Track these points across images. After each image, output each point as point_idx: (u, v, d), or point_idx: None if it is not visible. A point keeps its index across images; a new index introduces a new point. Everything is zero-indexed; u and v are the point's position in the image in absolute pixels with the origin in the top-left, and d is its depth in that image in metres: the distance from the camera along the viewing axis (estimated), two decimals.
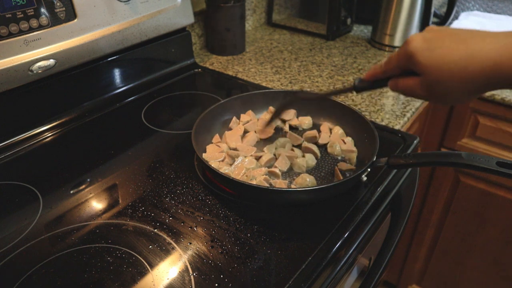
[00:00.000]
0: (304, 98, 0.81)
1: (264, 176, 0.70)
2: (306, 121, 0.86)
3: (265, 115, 0.86)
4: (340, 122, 0.84)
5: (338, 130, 0.82)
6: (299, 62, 1.21)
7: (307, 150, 0.77)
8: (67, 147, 0.83)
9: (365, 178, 0.69)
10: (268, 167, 0.73)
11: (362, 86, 0.58)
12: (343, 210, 0.66)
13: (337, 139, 0.79)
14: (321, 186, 0.68)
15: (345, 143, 0.78)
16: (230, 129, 0.83)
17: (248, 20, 1.46)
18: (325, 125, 0.85)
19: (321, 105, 0.86)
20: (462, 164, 0.60)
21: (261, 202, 0.68)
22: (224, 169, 0.71)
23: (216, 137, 0.81)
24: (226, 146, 0.77)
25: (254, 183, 0.68)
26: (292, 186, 0.70)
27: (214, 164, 0.72)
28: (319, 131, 0.82)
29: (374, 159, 0.68)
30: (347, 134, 0.81)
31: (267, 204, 0.68)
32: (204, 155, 0.74)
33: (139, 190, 0.71)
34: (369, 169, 0.68)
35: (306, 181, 0.69)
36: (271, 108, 0.88)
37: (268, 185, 0.68)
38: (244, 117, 0.85)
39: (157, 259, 0.57)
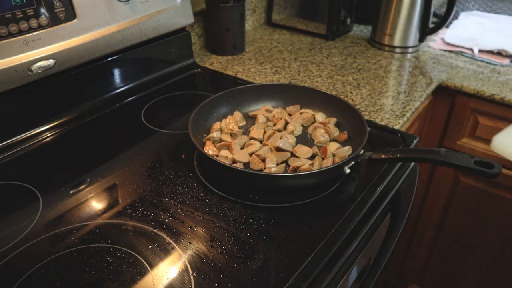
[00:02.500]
0: None
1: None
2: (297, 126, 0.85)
3: (260, 111, 0.87)
4: (333, 114, 0.85)
5: (323, 118, 0.84)
6: (299, 62, 1.21)
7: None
8: (67, 147, 0.83)
9: (348, 171, 0.69)
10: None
11: None
12: (343, 210, 0.66)
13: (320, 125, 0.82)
14: (302, 173, 0.68)
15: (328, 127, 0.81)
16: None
17: (248, 20, 1.46)
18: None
19: (313, 98, 0.88)
20: (440, 161, 0.61)
21: (256, 189, 0.69)
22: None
23: (216, 124, 0.83)
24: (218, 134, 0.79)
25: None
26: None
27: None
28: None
29: (361, 152, 0.68)
30: (341, 127, 0.83)
31: (262, 190, 0.69)
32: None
33: (139, 190, 0.71)
34: (353, 162, 0.68)
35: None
36: (268, 107, 0.88)
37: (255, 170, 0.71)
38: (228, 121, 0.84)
39: (156, 259, 0.57)
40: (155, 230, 0.62)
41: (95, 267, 0.56)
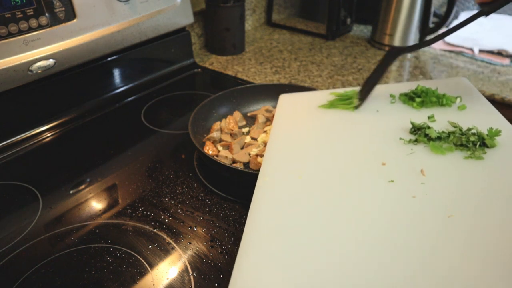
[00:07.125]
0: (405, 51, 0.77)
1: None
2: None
3: (260, 111, 0.87)
4: None
5: None
6: (299, 62, 1.21)
7: None
8: (67, 147, 0.84)
9: None
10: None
11: (489, 9, 0.58)
12: None
13: None
14: None
15: None
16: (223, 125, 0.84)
17: (248, 20, 1.46)
18: None
19: None
20: None
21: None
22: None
23: (216, 124, 0.82)
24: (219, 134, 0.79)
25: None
26: None
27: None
28: None
29: None
30: None
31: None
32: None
33: (138, 190, 0.71)
34: None
35: None
36: (268, 107, 0.88)
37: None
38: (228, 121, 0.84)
39: (156, 259, 0.57)
40: (155, 230, 0.62)
41: (95, 267, 0.56)
